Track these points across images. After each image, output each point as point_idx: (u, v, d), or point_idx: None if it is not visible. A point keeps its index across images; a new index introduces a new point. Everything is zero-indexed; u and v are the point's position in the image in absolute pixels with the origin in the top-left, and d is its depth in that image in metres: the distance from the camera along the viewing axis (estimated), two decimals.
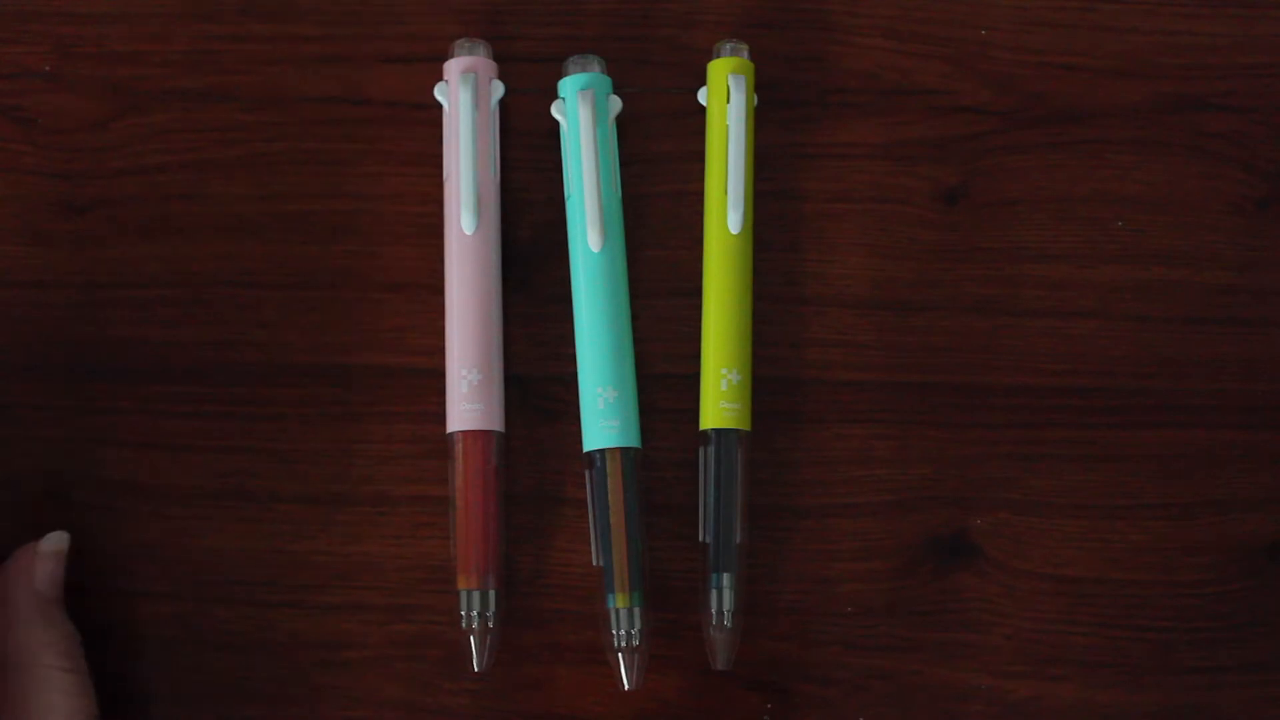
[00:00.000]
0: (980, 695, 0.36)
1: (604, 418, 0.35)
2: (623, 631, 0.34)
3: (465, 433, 0.34)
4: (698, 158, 0.37)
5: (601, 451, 0.35)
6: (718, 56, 0.37)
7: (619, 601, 0.34)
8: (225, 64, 0.37)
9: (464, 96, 0.35)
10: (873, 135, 0.38)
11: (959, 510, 0.36)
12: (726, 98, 0.36)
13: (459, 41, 0.36)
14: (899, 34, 0.38)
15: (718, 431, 0.35)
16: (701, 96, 0.37)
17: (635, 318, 0.36)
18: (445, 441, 0.35)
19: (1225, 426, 0.37)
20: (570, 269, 0.36)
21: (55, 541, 0.34)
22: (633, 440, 0.35)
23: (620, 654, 0.34)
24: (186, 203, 0.37)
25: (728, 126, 0.36)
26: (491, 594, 0.34)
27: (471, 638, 0.34)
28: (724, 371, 0.35)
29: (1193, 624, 0.36)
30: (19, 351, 0.36)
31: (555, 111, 0.36)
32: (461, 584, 0.34)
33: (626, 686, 0.34)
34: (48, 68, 0.37)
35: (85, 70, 0.37)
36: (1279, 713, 0.36)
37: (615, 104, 0.36)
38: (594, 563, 0.35)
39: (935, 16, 0.38)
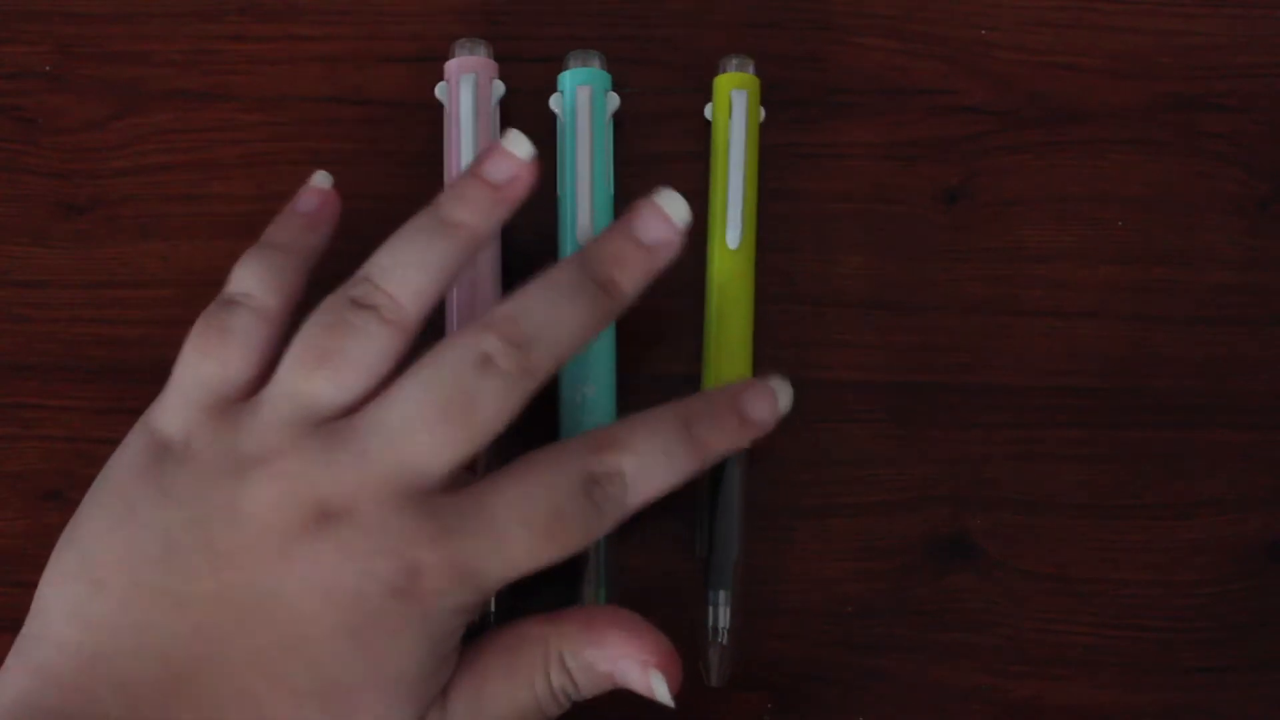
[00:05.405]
0: (980, 695, 0.36)
1: (581, 414, 0.35)
2: None
3: None
4: (697, 158, 0.37)
5: None
6: (723, 72, 0.37)
7: (587, 598, 0.34)
8: (225, 64, 0.37)
9: (464, 96, 0.35)
10: (873, 135, 0.38)
11: (959, 510, 0.36)
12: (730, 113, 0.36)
13: (459, 41, 0.36)
14: (899, 34, 0.38)
15: None
16: (709, 112, 0.37)
17: (634, 317, 0.36)
18: None
19: (1225, 426, 0.37)
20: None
21: None
22: None
23: None
24: (186, 203, 0.37)
25: (729, 144, 0.36)
26: None
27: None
28: None
29: (1193, 624, 0.36)
30: (19, 351, 0.36)
31: (553, 104, 0.36)
32: None
33: None
34: (48, 68, 0.37)
35: (85, 70, 0.37)
36: (1279, 713, 0.36)
37: (613, 101, 0.36)
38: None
39: (935, 16, 0.38)
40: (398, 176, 0.37)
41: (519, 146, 0.31)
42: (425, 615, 0.28)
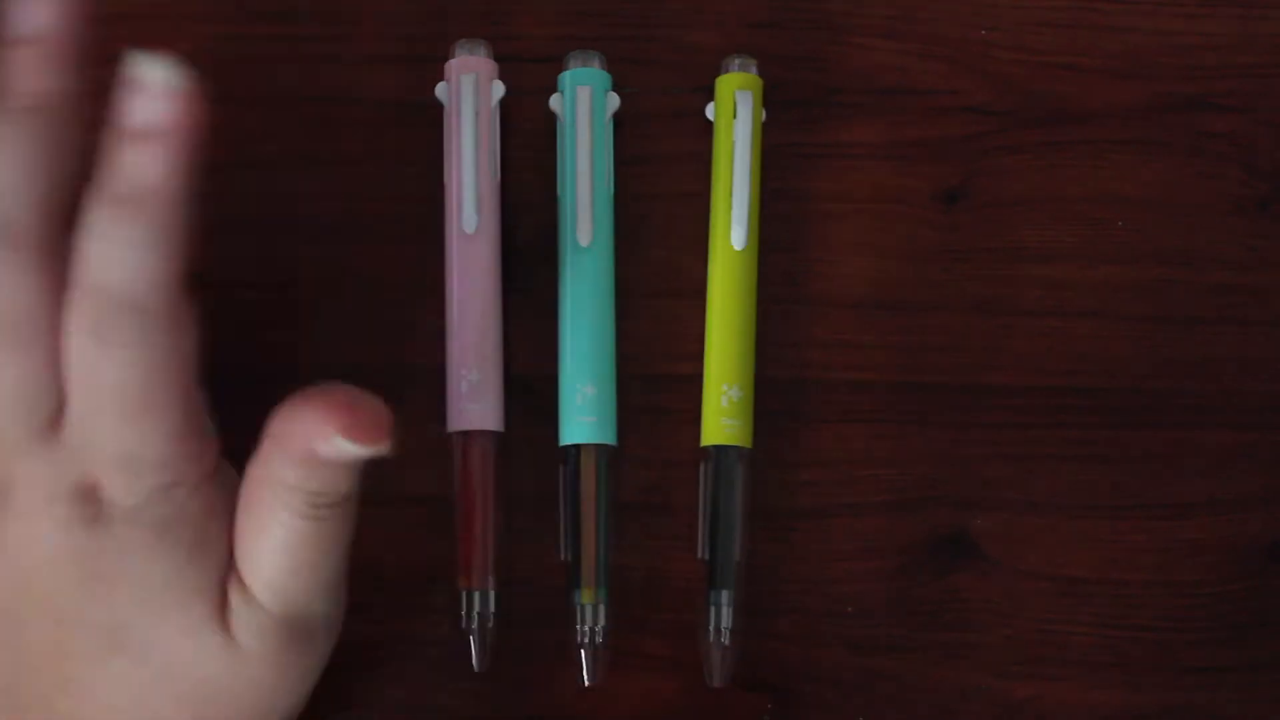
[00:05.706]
0: (980, 695, 0.36)
1: (580, 413, 0.35)
2: (587, 627, 0.34)
3: (465, 433, 0.34)
4: (698, 159, 0.37)
5: (576, 447, 0.35)
6: (725, 72, 0.36)
7: (585, 597, 0.34)
8: (225, 64, 0.37)
9: (464, 96, 0.35)
10: (873, 135, 0.38)
11: (959, 510, 0.36)
12: (734, 114, 0.36)
13: (459, 41, 0.36)
14: (899, 34, 0.38)
15: (717, 448, 0.35)
16: (710, 112, 0.37)
17: (637, 318, 0.36)
18: (445, 441, 0.35)
19: (1225, 426, 0.37)
20: (559, 264, 0.36)
21: None
22: (608, 437, 0.35)
23: (583, 650, 0.34)
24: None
25: (734, 143, 0.36)
26: (491, 594, 0.34)
27: (471, 638, 0.34)
28: (725, 388, 0.35)
29: (1193, 624, 0.36)
30: None
31: (553, 104, 0.36)
32: (462, 584, 0.34)
33: (587, 682, 0.34)
34: None
35: (85, 70, 0.37)
36: (1279, 713, 0.36)
37: (613, 101, 0.36)
38: (561, 557, 0.35)
39: (935, 16, 0.38)
40: (398, 177, 0.37)
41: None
42: (138, 520, 0.27)
